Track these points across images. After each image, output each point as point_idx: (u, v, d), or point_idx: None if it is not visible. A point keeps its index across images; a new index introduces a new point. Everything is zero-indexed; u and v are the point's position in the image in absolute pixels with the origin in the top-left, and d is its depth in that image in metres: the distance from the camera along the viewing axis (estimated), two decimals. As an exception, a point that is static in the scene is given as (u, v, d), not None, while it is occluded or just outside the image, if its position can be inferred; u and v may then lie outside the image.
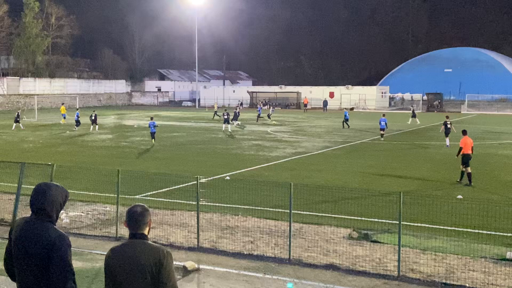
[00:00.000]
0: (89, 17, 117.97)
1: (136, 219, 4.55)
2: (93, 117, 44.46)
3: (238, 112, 52.93)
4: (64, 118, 55.03)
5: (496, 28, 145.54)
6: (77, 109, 49.77)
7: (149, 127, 35.47)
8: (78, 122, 45.25)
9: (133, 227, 4.56)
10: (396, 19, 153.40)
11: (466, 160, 20.57)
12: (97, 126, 44.13)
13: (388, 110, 75.59)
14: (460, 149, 20.91)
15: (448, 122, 33.99)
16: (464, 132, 21.77)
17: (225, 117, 45.21)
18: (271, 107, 67.58)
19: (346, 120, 48.43)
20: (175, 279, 4.55)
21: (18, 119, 45.75)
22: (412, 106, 67.13)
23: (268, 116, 57.04)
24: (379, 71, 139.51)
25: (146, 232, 4.59)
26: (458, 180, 20.92)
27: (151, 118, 36.26)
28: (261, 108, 62.34)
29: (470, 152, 20.69)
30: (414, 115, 55.25)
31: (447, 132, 33.71)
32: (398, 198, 10.90)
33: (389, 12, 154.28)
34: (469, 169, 20.50)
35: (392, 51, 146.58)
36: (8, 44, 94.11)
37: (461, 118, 64.06)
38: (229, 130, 44.40)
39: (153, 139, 34.92)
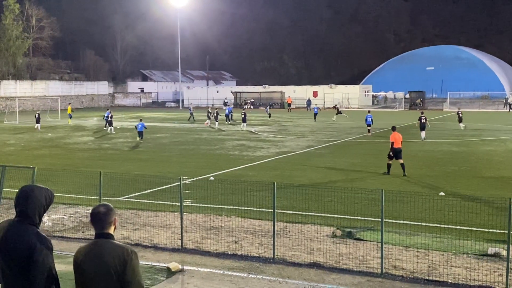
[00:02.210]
0: (70, 19, 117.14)
1: (100, 218, 4.58)
2: (108, 118, 44.75)
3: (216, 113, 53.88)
4: (71, 118, 55.23)
5: (477, 26, 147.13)
6: (107, 109, 50.61)
7: (136, 127, 37.56)
8: (107, 122, 46.13)
9: (98, 226, 4.59)
10: (378, 18, 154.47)
11: (396, 153, 22.13)
12: (111, 128, 44.36)
13: (371, 109, 76.00)
14: (392, 144, 22.41)
15: (423, 117, 36.26)
16: (393, 128, 23.46)
17: (243, 116, 47.94)
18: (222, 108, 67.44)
19: (315, 114, 57.10)
20: (141, 277, 4.56)
21: (38, 119, 47.22)
22: (337, 104, 69.00)
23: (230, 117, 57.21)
24: (361, 70, 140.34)
25: (111, 231, 4.62)
26: (386, 172, 22.26)
27: (140, 120, 39.03)
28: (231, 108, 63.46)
29: (399, 146, 22.29)
30: (339, 112, 58.77)
31: (422, 126, 36.01)
32: (380, 195, 10.97)
33: (371, 11, 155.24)
34: (401, 161, 22.08)
35: (374, 50, 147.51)
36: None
37: (443, 116, 64.59)
38: (244, 129, 46.31)
39: (140, 138, 36.76)
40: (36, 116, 47.87)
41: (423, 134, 35.71)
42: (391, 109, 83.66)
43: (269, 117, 61.50)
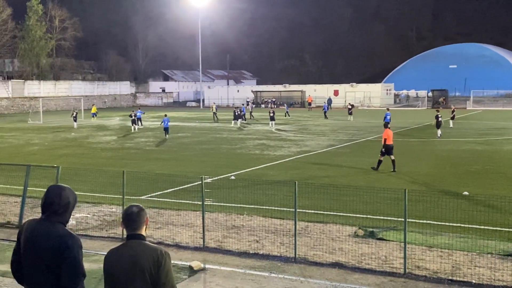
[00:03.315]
0: (93, 19, 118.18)
1: (133, 219, 4.60)
2: (132, 117, 45.55)
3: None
4: (94, 116, 56.68)
5: (501, 23, 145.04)
6: (139, 108, 52.64)
7: (162, 122, 40.04)
8: (140, 121, 47.69)
9: (131, 227, 4.60)
10: (400, 16, 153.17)
11: (388, 149, 22.84)
12: (136, 127, 45.01)
13: (394, 107, 75.42)
14: (385, 140, 23.06)
15: (440, 116, 37.05)
16: (386, 125, 24.35)
17: (271, 114, 48.76)
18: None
19: (325, 112, 59.72)
20: (173, 279, 4.56)
21: (75, 118, 49.59)
22: (350, 104, 67.15)
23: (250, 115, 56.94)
24: (383, 68, 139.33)
25: (143, 232, 4.63)
26: (375, 168, 22.96)
27: (165, 115, 40.93)
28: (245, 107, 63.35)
29: (391, 142, 23.04)
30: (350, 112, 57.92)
31: (438, 124, 36.89)
32: (403, 195, 10.87)
33: (393, 9, 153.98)
34: (392, 157, 22.82)
35: (396, 48, 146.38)
36: (12, 47, 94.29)
37: (466, 115, 63.88)
38: (272, 128, 46.46)
39: (166, 134, 38.97)
40: (74, 115, 49.71)
41: (439, 132, 36.67)
42: (414, 107, 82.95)
43: (287, 115, 61.68)
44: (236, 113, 50.90)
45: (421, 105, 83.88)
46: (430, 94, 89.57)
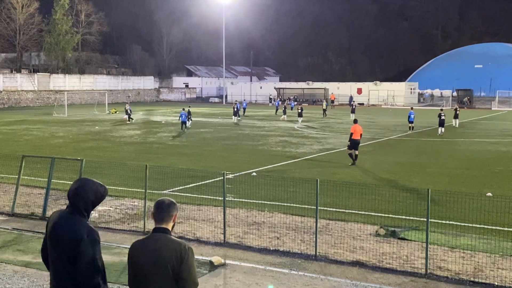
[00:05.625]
0: (118, 14, 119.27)
1: (163, 208, 4.65)
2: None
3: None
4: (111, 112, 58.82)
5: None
6: (183, 109, 53.96)
7: (180, 116, 41.80)
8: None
9: (160, 217, 4.64)
10: (425, 14, 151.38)
11: (354, 144, 23.98)
12: (189, 124, 44.30)
13: (417, 107, 74.72)
14: (351, 135, 24.16)
15: (443, 114, 38.53)
16: (355, 121, 25.47)
17: (299, 111, 49.38)
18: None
19: (324, 110, 60.49)
20: (196, 274, 4.58)
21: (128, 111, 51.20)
22: (354, 101, 67.67)
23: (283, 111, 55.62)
24: (408, 67, 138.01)
25: (170, 226, 4.67)
26: (352, 164, 23.82)
27: (183, 109, 43.15)
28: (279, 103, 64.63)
29: (359, 138, 24.18)
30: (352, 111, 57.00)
31: (441, 122, 38.22)
32: (426, 195, 10.78)
33: (418, 7, 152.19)
34: (356, 152, 24.02)
35: (421, 46, 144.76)
36: (38, 41, 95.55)
37: (491, 115, 63.03)
38: (296, 125, 46.60)
39: (183, 127, 40.43)
40: (127, 108, 51.27)
41: (441, 129, 37.96)
42: (438, 107, 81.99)
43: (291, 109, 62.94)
44: (235, 109, 51.35)
45: (445, 105, 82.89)
46: (454, 93, 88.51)
